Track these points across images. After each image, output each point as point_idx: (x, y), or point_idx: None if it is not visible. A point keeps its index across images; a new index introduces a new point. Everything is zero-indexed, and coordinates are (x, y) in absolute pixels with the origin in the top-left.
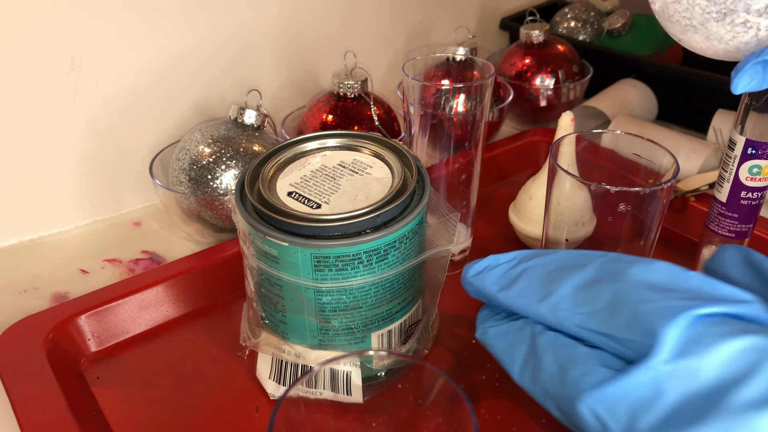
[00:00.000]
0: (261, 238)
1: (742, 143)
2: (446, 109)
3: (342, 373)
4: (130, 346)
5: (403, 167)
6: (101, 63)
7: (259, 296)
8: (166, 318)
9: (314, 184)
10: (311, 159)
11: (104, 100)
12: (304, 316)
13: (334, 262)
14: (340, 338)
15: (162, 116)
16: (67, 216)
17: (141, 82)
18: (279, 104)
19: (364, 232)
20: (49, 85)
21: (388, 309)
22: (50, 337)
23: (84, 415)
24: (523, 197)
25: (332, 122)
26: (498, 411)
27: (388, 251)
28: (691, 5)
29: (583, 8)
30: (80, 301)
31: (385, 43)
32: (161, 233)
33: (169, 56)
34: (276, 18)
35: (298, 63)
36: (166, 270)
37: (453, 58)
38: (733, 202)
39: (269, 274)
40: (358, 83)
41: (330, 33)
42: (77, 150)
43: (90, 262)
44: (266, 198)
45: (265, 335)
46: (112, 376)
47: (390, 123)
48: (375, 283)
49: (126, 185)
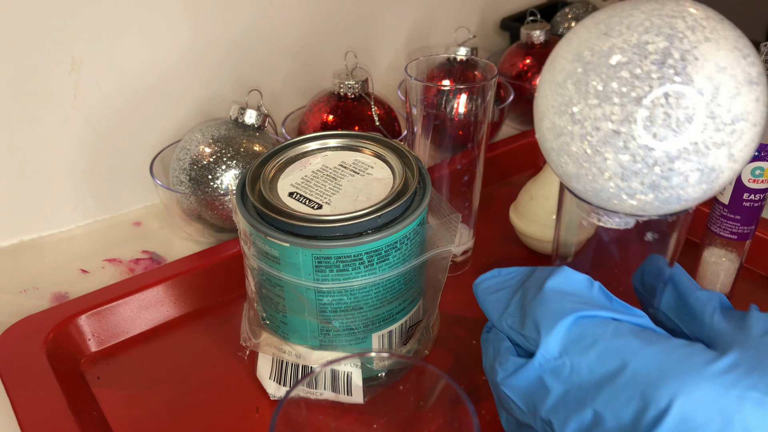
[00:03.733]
0: (262, 238)
1: None
2: (448, 109)
3: (343, 373)
4: (130, 346)
5: (405, 168)
6: (102, 63)
7: (260, 297)
8: (167, 318)
9: (315, 184)
10: (312, 159)
11: (105, 100)
12: (304, 316)
13: (335, 263)
14: (340, 339)
15: (162, 116)
16: (67, 216)
17: (141, 81)
18: (279, 104)
19: (365, 232)
20: (49, 84)
21: (389, 310)
22: (50, 337)
23: (84, 415)
24: (523, 198)
25: (333, 122)
26: None
27: (389, 252)
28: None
29: (583, 8)
30: (80, 301)
31: (386, 43)
32: (162, 233)
33: (169, 56)
34: (277, 18)
35: (299, 63)
36: (166, 270)
37: (455, 59)
38: (735, 204)
39: (270, 274)
40: (358, 83)
41: (330, 33)
42: (78, 149)
43: (90, 262)
44: (267, 198)
45: (265, 336)
46: (112, 376)
47: (391, 123)
48: (376, 284)
49: (126, 185)
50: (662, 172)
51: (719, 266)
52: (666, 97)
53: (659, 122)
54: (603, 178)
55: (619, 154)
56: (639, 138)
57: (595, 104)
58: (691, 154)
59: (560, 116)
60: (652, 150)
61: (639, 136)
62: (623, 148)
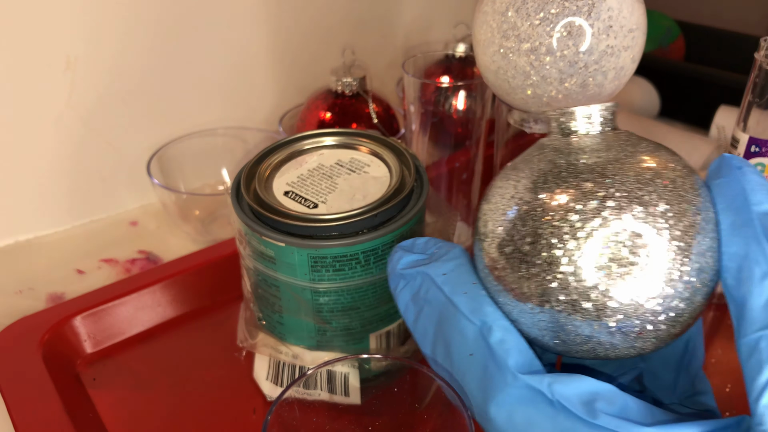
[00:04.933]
0: (257, 238)
1: (746, 141)
2: (447, 106)
3: (340, 374)
4: (126, 347)
5: (401, 166)
6: (97, 61)
7: (256, 297)
8: (163, 319)
9: (311, 183)
10: (308, 158)
11: (100, 99)
12: (301, 316)
13: (332, 263)
14: (337, 339)
15: (158, 114)
16: (63, 216)
17: (137, 80)
18: (276, 102)
19: (361, 231)
20: (44, 83)
21: (387, 310)
22: (46, 339)
23: (80, 416)
24: None
25: (330, 120)
26: None
27: (386, 251)
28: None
29: None
30: (76, 302)
31: (384, 40)
32: (158, 233)
33: (164, 54)
34: (274, 15)
35: (296, 60)
36: (162, 270)
37: (453, 55)
38: None
39: (266, 274)
40: (356, 80)
41: (328, 30)
42: (73, 149)
43: (86, 263)
44: (262, 197)
45: (262, 336)
46: (108, 378)
47: (389, 121)
48: (373, 284)
49: (122, 184)
50: (590, 72)
51: None
52: (590, 11)
53: (588, 32)
54: (546, 83)
55: (559, 61)
56: (574, 46)
57: (537, 24)
58: (610, 56)
59: (507, 39)
60: (583, 54)
61: (574, 44)
62: (561, 56)
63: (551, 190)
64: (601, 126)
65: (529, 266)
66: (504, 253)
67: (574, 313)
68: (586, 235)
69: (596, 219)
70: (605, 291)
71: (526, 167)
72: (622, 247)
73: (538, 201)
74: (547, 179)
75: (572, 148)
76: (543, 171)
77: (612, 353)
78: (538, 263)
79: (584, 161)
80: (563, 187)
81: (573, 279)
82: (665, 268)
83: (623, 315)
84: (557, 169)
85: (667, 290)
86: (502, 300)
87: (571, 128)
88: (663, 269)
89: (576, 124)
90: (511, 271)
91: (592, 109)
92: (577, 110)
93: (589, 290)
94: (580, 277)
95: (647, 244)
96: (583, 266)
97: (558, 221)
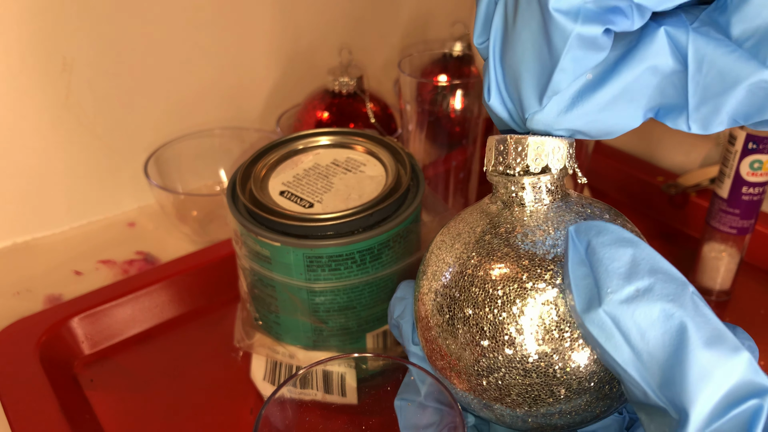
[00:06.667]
0: (253, 238)
1: (743, 138)
2: (444, 105)
3: (337, 374)
4: (123, 348)
5: (397, 165)
6: (93, 62)
7: (253, 297)
8: (160, 319)
9: (307, 182)
10: (304, 157)
11: (97, 100)
12: (297, 316)
13: (327, 262)
14: (334, 339)
15: (156, 115)
16: (60, 217)
17: (134, 80)
18: (274, 102)
19: (357, 231)
20: (41, 84)
21: (383, 309)
22: (44, 340)
23: (77, 417)
24: None
25: (327, 120)
26: None
27: (382, 250)
28: None
29: None
30: (74, 304)
31: (381, 39)
32: (156, 234)
33: (162, 54)
34: (271, 15)
35: (294, 60)
36: (160, 271)
37: (450, 54)
38: (734, 197)
39: (262, 274)
40: (353, 80)
41: (325, 29)
42: (70, 150)
43: (84, 264)
44: (258, 198)
45: (259, 336)
46: (105, 379)
47: (386, 120)
48: (369, 283)
49: (120, 185)
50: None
51: (719, 261)
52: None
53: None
54: None
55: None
56: None
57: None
58: None
59: None
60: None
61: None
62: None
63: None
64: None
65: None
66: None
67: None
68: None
69: None
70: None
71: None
72: None
73: None
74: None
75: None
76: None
77: None
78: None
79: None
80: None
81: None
82: None
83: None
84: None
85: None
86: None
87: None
88: None
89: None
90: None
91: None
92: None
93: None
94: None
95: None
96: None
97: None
